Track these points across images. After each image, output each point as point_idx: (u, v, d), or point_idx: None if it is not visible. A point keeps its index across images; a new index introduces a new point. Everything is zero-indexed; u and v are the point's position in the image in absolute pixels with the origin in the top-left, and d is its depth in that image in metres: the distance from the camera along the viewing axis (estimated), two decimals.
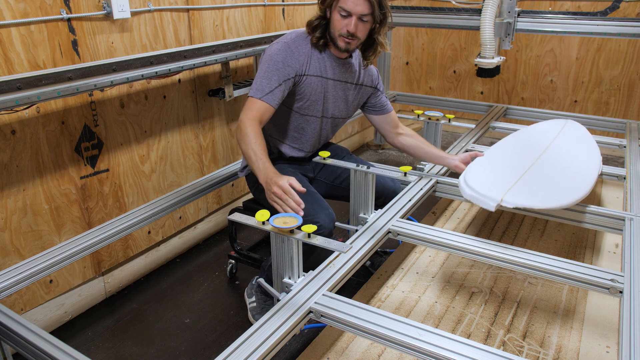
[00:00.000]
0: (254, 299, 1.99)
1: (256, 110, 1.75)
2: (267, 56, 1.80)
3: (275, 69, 1.77)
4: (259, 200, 2.00)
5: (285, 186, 1.52)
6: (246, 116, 1.74)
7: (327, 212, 1.76)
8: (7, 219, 1.77)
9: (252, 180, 2.00)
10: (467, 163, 2.05)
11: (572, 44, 3.76)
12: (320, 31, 1.83)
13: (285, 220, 1.46)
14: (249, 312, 1.98)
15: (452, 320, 1.88)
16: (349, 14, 1.74)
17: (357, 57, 1.97)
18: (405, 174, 2.02)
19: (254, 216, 1.50)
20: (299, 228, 1.44)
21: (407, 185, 2.06)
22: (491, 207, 1.69)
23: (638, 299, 1.37)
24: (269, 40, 2.48)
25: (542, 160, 2.08)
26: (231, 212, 2.25)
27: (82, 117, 1.94)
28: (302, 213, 1.49)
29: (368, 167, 1.89)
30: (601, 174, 2.24)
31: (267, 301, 1.96)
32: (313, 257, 1.75)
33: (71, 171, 1.94)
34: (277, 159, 2.01)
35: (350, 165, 1.92)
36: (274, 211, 1.51)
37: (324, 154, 1.99)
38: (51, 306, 1.98)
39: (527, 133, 2.51)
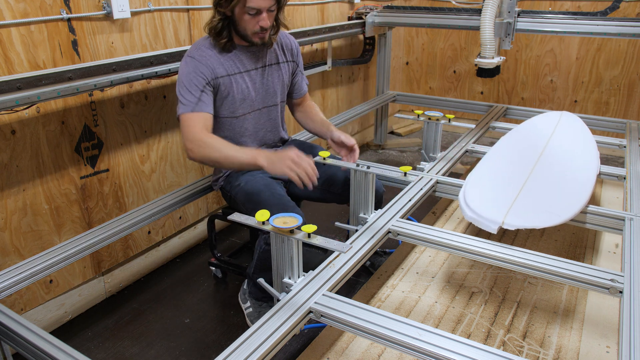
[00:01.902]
0: (248, 304, 1.98)
1: (196, 123, 1.72)
2: (178, 75, 1.78)
3: (188, 80, 1.74)
4: (235, 209, 1.99)
5: (298, 156, 1.61)
6: (192, 134, 1.70)
7: (293, 210, 1.75)
8: (7, 219, 1.77)
9: (226, 191, 2.01)
10: (338, 143, 1.94)
11: (572, 44, 3.76)
12: (226, 33, 1.79)
13: (285, 220, 1.46)
14: (246, 317, 1.98)
15: (452, 320, 1.88)
16: (258, 12, 1.71)
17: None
18: (405, 174, 2.02)
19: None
20: (299, 228, 1.44)
21: (407, 185, 2.06)
22: (493, 229, 1.69)
23: (638, 299, 1.37)
24: None
25: (540, 168, 2.08)
26: (211, 219, 2.26)
27: (82, 117, 1.94)
28: (315, 180, 1.60)
29: (368, 167, 1.89)
30: (600, 174, 2.24)
31: (262, 305, 1.95)
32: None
33: (71, 171, 1.94)
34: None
35: (351, 165, 1.92)
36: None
37: (324, 154, 1.99)
38: (51, 306, 1.98)
39: (523, 133, 2.51)
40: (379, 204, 2.01)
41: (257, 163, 1.65)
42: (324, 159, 1.98)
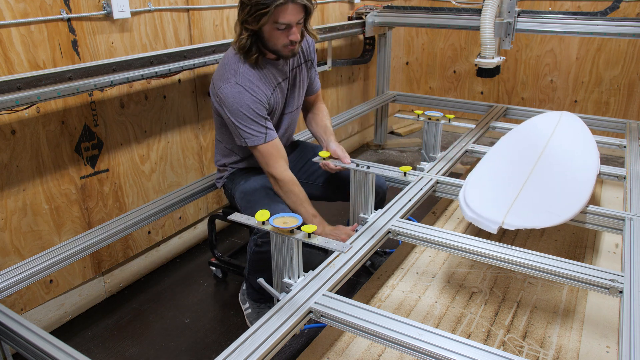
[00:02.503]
0: (247, 305, 1.98)
1: (275, 154, 1.80)
2: (234, 106, 1.75)
3: (251, 111, 1.75)
4: (237, 207, 2.00)
5: (349, 235, 1.76)
6: (275, 168, 1.79)
7: (285, 212, 1.76)
8: (7, 219, 1.77)
9: (228, 189, 2.02)
10: (333, 155, 1.99)
11: (572, 44, 3.76)
12: (254, 48, 1.76)
13: (285, 220, 1.46)
14: (246, 318, 1.98)
15: (452, 320, 1.88)
16: (288, 26, 1.69)
17: None
18: (405, 174, 2.02)
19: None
20: (298, 228, 1.44)
21: (406, 185, 2.06)
22: (493, 229, 1.69)
23: (638, 299, 1.37)
24: None
25: (540, 167, 2.07)
26: (211, 219, 2.26)
27: (82, 117, 1.94)
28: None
29: (368, 167, 1.89)
30: (600, 174, 2.24)
31: (261, 306, 1.96)
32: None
33: (71, 171, 1.94)
34: (247, 167, 2.01)
35: (350, 165, 1.92)
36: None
37: (324, 154, 1.99)
38: (51, 306, 1.98)
39: (523, 133, 2.51)
40: (382, 202, 2.01)
41: (317, 231, 1.76)
42: (324, 159, 1.98)
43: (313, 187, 2.07)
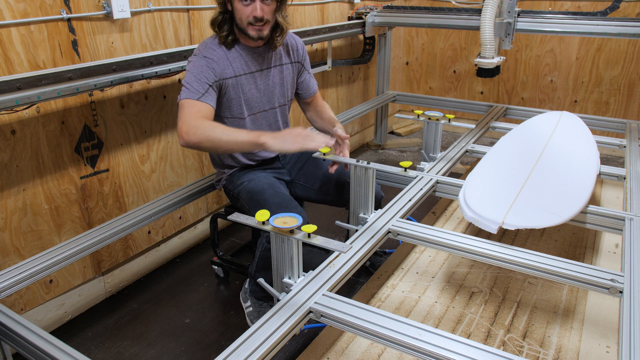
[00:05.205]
0: (249, 303, 1.98)
1: (197, 111, 1.67)
2: (188, 68, 1.75)
3: (199, 72, 1.72)
4: (238, 208, 2.00)
5: (306, 132, 1.61)
6: (191, 118, 1.63)
7: (296, 210, 1.75)
8: (7, 219, 1.77)
9: (229, 190, 2.01)
10: (335, 137, 1.94)
11: (572, 44, 3.76)
12: (227, 27, 1.77)
13: (285, 220, 1.46)
14: (246, 317, 1.98)
15: (452, 320, 1.88)
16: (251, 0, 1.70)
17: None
18: (405, 169, 2.01)
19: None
20: (298, 228, 1.44)
21: (407, 181, 2.06)
22: (493, 229, 1.69)
23: (638, 299, 1.37)
24: None
25: (540, 167, 2.08)
26: (213, 218, 2.26)
27: (82, 117, 1.94)
28: (331, 142, 1.66)
29: (368, 163, 1.88)
30: (600, 174, 2.25)
31: (263, 304, 1.95)
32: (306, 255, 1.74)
33: (71, 171, 1.94)
34: (246, 167, 1.99)
35: (350, 160, 1.91)
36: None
37: (324, 149, 1.98)
38: (51, 306, 1.98)
39: (523, 133, 2.51)
40: (377, 207, 2.01)
41: (259, 141, 1.60)
42: (324, 154, 1.97)
43: (310, 190, 2.06)
